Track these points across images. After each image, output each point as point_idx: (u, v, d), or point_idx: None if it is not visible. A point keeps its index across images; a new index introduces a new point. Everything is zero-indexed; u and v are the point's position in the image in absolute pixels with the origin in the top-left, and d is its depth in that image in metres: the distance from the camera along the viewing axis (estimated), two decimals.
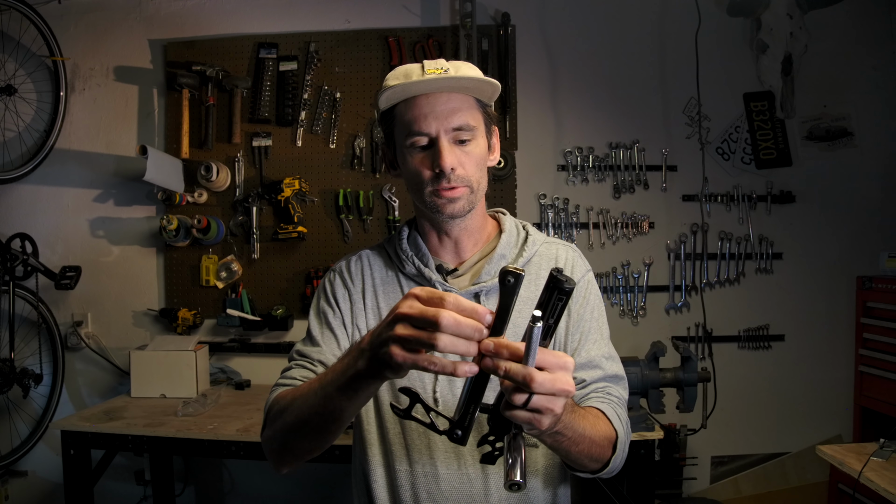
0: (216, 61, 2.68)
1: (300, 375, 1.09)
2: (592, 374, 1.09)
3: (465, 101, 1.04)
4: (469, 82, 1.03)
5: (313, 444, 0.97)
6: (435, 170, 1.02)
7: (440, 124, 1.02)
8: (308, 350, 1.13)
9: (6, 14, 2.65)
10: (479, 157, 1.06)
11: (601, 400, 1.08)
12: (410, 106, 1.03)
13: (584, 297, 1.14)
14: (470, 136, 1.04)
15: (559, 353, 0.72)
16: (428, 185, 1.04)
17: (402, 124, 1.05)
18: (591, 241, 2.68)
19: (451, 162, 1.01)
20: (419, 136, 1.03)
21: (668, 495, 2.53)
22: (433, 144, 1.03)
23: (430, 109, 1.02)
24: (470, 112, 1.04)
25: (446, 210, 1.05)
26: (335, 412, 0.87)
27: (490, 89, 1.05)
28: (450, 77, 1.01)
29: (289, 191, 2.63)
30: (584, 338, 1.11)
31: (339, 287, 1.15)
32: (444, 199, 1.04)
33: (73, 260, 2.77)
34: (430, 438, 1.06)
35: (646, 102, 2.68)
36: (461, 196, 1.04)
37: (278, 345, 2.70)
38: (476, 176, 1.06)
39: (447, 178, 1.02)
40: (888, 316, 2.40)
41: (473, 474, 1.06)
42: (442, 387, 1.06)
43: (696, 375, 1.99)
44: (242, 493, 2.84)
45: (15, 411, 2.68)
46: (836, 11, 2.50)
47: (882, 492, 1.58)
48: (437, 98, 1.02)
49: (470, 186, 1.05)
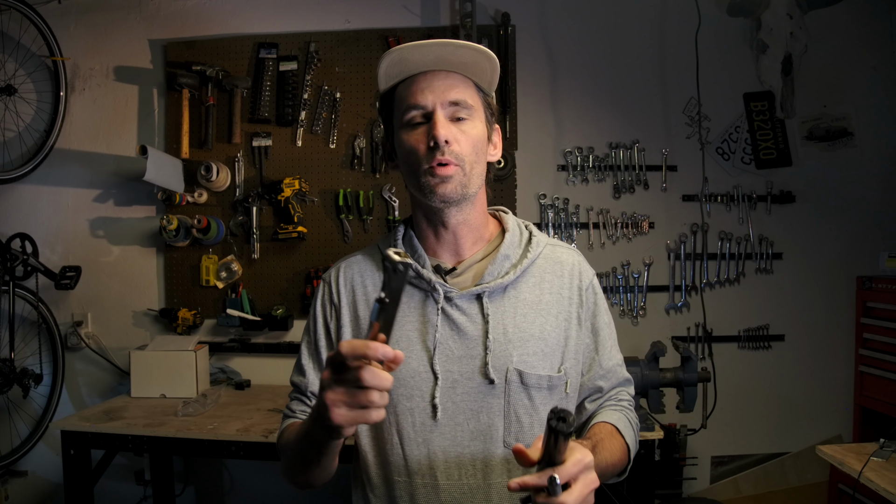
0: (216, 61, 2.69)
1: (299, 410, 1.13)
2: (609, 383, 1.13)
3: (464, 81, 1.04)
4: (466, 53, 1.01)
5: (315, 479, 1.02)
6: (430, 143, 1.00)
7: (436, 97, 1.01)
8: (299, 381, 1.15)
9: (6, 14, 2.65)
10: (475, 138, 1.03)
11: (614, 408, 1.12)
12: (408, 84, 1.03)
13: (594, 304, 1.14)
14: (467, 114, 1.03)
15: (576, 455, 0.76)
16: (423, 163, 1.01)
17: (399, 102, 1.04)
18: (591, 241, 2.69)
19: (445, 133, 0.99)
20: (415, 110, 1.02)
21: (668, 495, 2.53)
22: (429, 119, 1.01)
23: (427, 84, 1.02)
24: (468, 91, 1.04)
25: (438, 189, 1.01)
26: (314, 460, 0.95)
27: (489, 65, 1.03)
28: (444, 42, 1.00)
29: (289, 191, 2.63)
30: (601, 347, 1.13)
31: (326, 304, 1.14)
32: (437, 177, 1.00)
33: (73, 260, 2.78)
34: (429, 449, 1.03)
35: (646, 102, 2.68)
36: (453, 174, 1.00)
37: (278, 345, 2.70)
38: (470, 157, 1.02)
39: (441, 151, 0.99)
40: (888, 316, 2.40)
41: (474, 485, 1.03)
42: (442, 393, 1.03)
43: (696, 375, 1.99)
44: (242, 493, 2.84)
45: (15, 411, 2.68)
46: (836, 11, 2.50)
47: (882, 492, 1.58)
48: (436, 75, 1.02)
49: (462, 166, 1.01)
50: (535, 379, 1.04)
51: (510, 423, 1.03)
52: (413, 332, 1.05)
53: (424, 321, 1.05)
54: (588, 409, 1.14)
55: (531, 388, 1.04)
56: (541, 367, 1.04)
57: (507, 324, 1.04)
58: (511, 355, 1.03)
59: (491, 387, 1.03)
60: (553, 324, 1.07)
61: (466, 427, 1.03)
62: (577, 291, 1.11)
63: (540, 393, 1.04)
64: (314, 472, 0.99)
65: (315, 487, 1.05)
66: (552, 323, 1.07)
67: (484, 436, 1.03)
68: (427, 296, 1.06)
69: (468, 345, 1.04)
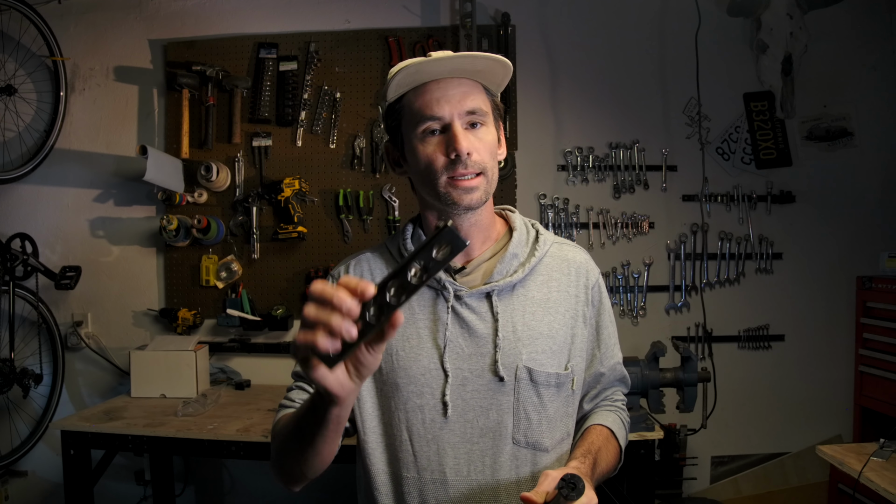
0: (216, 61, 2.68)
1: (298, 398, 1.10)
2: (607, 381, 1.17)
3: (476, 87, 1.03)
4: (482, 62, 1.00)
5: (308, 468, 0.96)
6: (450, 155, 0.99)
7: (453, 108, 1.00)
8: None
9: (6, 14, 2.65)
10: (491, 143, 1.04)
11: (609, 409, 1.16)
12: (420, 93, 1.01)
13: (600, 303, 1.16)
14: (482, 120, 1.03)
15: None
16: (443, 175, 1.01)
17: (412, 113, 1.03)
18: (591, 241, 2.69)
19: (466, 146, 0.99)
20: (432, 121, 1.01)
21: (668, 495, 2.53)
22: (446, 130, 1.01)
23: (441, 94, 1.00)
24: (480, 96, 1.03)
25: (463, 201, 1.01)
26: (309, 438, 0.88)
27: (502, 71, 1.03)
28: (463, 55, 0.99)
29: (289, 191, 2.63)
30: (603, 344, 1.16)
31: None
32: (461, 189, 1.01)
33: (73, 260, 2.77)
34: (438, 445, 1.04)
35: (646, 102, 2.68)
36: (478, 186, 1.01)
37: (278, 345, 2.70)
38: (490, 163, 1.03)
39: (463, 164, 0.99)
40: (888, 316, 2.40)
41: (483, 481, 1.04)
42: (452, 391, 1.04)
43: (696, 375, 1.99)
44: (242, 493, 2.84)
45: (15, 411, 2.68)
46: (836, 11, 2.50)
47: (882, 492, 1.58)
48: (448, 83, 1.01)
49: (485, 174, 1.02)
50: (543, 376, 1.05)
51: (519, 420, 1.05)
52: (424, 329, 1.06)
53: (435, 319, 1.06)
54: (584, 409, 1.17)
55: (540, 386, 1.05)
56: (549, 365, 1.06)
57: (516, 322, 1.06)
58: (520, 353, 1.04)
59: (500, 384, 1.04)
60: (561, 321, 1.09)
61: (476, 424, 1.04)
62: (584, 289, 1.13)
63: (548, 390, 1.06)
64: (309, 457, 0.93)
65: (307, 479, 1.00)
66: (560, 321, 1.09)
67: (493, 433, 1.04)
68: (437, 294, 1.07)
69: (478, 343, 1.05)
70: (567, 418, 1.11)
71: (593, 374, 1.15)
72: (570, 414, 1.11)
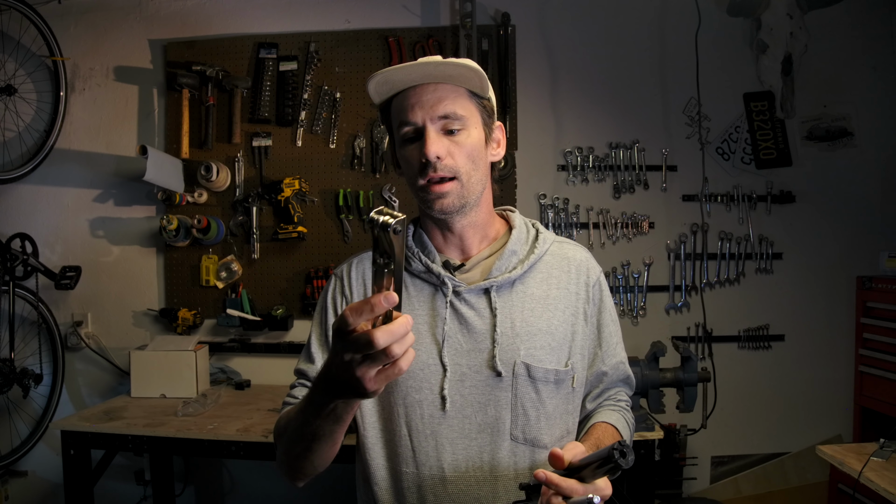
0: (216, 61, 2.69)
1: (301, 395, 1.09)
2: (610, 380, 1.16)
3: (454, 91, 1.03)
4: (452, 68, 1.01)
5: (314, 463, 0.97)
6: (422, 159, 1.01)
7: (426, 113, 1.02)
8: (306, 368, 1.13)
9: (6, 14, 2.65)
10: (471, 147, 1.04)
11: (612, 408, 1.15)
12: (400, 98, 1.05)
13: (601, 301, 1.17)
14: (460, 125, 1.03)
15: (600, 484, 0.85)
16: (419, 178, 1.03)
17: (395, 118, 1.06)
18: (591, 241, 2.69)
19: (436, 150, 1.00)
20: (408, 127, 1.03)
21: (668, 495, 2.53)
22: (420, 135, 1.02)
23: (416, 100, 1.02)
24: (459, 102, 1.03)
25: (436, 205, 1.04)
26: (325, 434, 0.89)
27: (476, 77, 1.03)
28: (427, 62, 1.00)
29: (289, 191, 2.63)
30: (605, 343, 1.16)
31: (337, 296, 1.15)
32: (434, 194, 1.03)
33: (73, 260, 2.77)
34: (437, 441, 1.05)
35: (646, 102, 2.68)
36: (450, 191, 1.03)
37: (278, 345, 2.70)
38: (466, 167, 1.04)
39: (433, 168, 1.01)
40: (888, 316, 2.40)
41: (480, 477, 1.04)
42: (450, 386, 1.05)
43: (696, 375, 1.99)
44: (242, 493, 2.84)
45: (15, 411, 2.68)
46: (836, 11, 2.50)
47: (882, 492, 1.58)
48: (425, 89, 1.02)
49: (458, 178, 1.03)
50: (542, 373, 1.05)
51: (517, 417, 1.05)
52: (422, 325, 1.07)
53: (433, 315, 1.07)
54: (587, 408, 1.16)
55: (538, 382, 1.05)
56: (548, 361, 1.06)
57: (514, 318, 1.06)
58: (518, 349, 1.05)
59: (498, 380, 1.04)
60: (560, 318, 1.09)
61: (474, 419, 1.05)
62: (585, 287, 1.13)
63: (547, 387, 1.06)
64: (321, 450, 0.93)
65: (315, 473, 1.00)
66: (559, 318, 1.09)
67: (491, 428, 1.05)
68: (436, 290, 1.08)
69: (476, 338, 1.05)
70: (567, 416, 1.11)
71: (595, 373, 1.14)
72: (570, 412, 1.11)
